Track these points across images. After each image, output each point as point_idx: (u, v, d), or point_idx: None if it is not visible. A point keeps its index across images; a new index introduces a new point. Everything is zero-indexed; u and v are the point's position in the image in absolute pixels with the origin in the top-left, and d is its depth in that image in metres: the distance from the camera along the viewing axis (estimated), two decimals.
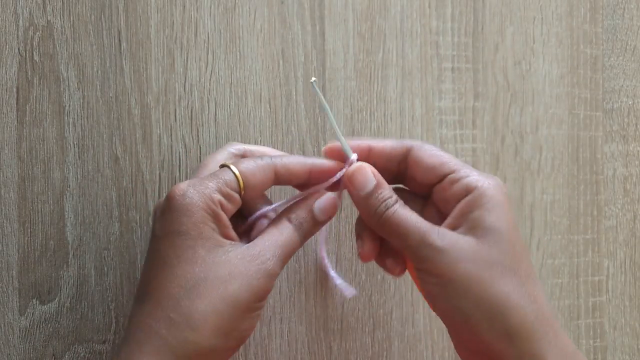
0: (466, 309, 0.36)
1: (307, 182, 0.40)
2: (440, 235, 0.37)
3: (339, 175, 0.39)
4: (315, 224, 0.40)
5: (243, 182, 0.37)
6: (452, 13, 0.49)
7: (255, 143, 0.45)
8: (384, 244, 0.41)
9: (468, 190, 0.38)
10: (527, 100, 0.50)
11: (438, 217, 0.39)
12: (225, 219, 0.37)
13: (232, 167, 0.38)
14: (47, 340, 0.42)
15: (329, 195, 0.40)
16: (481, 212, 0.37)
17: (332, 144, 0.40)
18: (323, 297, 0.46)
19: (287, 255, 0.38)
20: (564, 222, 0.51)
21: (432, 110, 0.48)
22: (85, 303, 0.43)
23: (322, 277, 0.46)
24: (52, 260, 0.43)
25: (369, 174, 0.39)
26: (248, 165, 0.38)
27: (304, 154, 0.46)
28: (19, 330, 0.42)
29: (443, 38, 0.49)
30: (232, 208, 0.38)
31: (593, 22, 0.52)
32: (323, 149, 0.41)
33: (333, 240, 0.46)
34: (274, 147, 0.45)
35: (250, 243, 0.37)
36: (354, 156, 0.39)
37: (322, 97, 0.40)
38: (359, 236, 0.41)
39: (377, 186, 0.38)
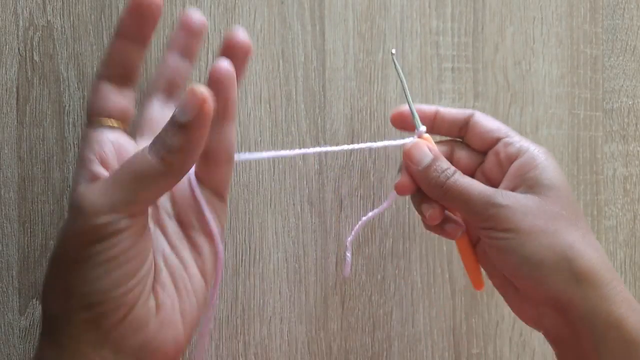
0: (536, 257, 0.38)
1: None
2: (505, 196, 0.39)
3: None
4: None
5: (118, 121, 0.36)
6: (452, 13, 0.49)
7: (255, 143, 0.45)
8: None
9: (521, 152, 0.41)
10: (527, 100, 0.50)
11: (488, 184, 0.41)
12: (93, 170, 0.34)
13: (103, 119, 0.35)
14: None
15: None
16: (537, 172, 0.40)
17: (401, 108, 0.44)
18: (323, 297, 0.46)
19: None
20: None
21: None
22: None
23: (322, 277, 0.46)
24: None
25: (424, 149, 0.41)
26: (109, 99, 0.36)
27: (304, 153, 0.46)
28: (19, 330, 0.42)
29: (443, 38, 0.49)
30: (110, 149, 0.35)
31: (593, 22, 0.52)
32: (392, 112, 0.44)
33: (333, 240, 0.46)
34: (274, 147, 0.45)
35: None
36: (422, 128, 0.43)
37: (400, 70, 0.43)
38: (418, 208, 0.43)
39: (435, 159, 0.41)
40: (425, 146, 0.42)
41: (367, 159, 0.47)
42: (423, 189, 0.42)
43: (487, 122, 0.43)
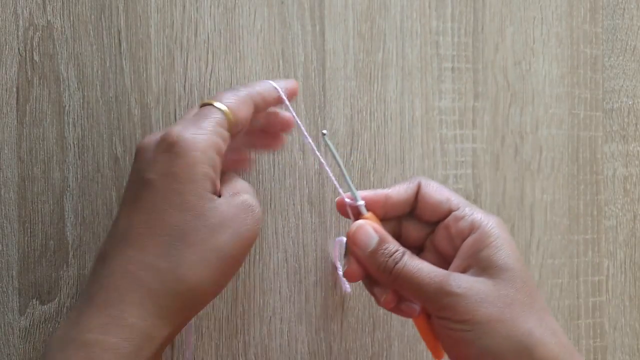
0: (494, 348, 0.36)
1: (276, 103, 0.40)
2: (457, 281, 0.37)
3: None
4: None
5: (232, 116, 0.36)
6: (452, 13, 0.49)
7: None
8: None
9: (473, 228, 0.38)
10: (527, 100, 0.50)
11: (438, 256, 0.40)
12: (219, 163, 0.36)
13: (218, 104, 0.36)
14: (47, 340, 0.42)
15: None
16: (491, 251, 0.37)
17: (342, 196, 0.41)
18: (323, 297, 0.46)
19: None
20: (564, 222, 0.51)
21: (432, 110, 0.48)
22: None
23: (322, 277, 0.46)
24: (52, 260, 0.43)
25: (369, 231, 0.39)
26: (231, 100, 0.37)
27: (304, 154, 0.46)
28: (19, 330, 0.42)
29: (443, 38, 0.49)
30: (224, 147, 0.36)
31: (593, 22, 0.52)
32: (336, 200, 0.41)
33: (333, 240, 0.46)
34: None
35: (245, 193, 0.36)
36: (361, 202, 0.40)
37: (334, 149, 0.42)
38: (371, 291, 0.41)
39: (381, 241, 0.38)
40: (371, 227, 0.39)
41: (367, 159, 0.47)
42: (372, 275, 0.39)
43: (435, 193, 0.40)
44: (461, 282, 0.37)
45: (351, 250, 0.39)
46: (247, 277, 0.45)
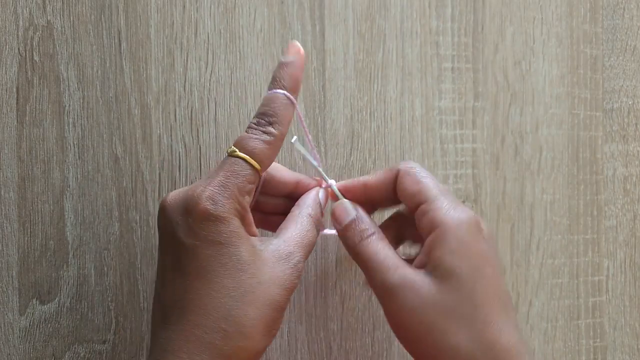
0: (420, 353, 0.37)
1: (292, 194, 0.41)
2: (399, 275, 0.37)
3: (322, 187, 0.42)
4: (322, 216, 0.41)
5: (260, 168, 0.37)
6: (452, 13, 0.49)
7: None
8: None
9: (433, 226, 0.37)
10: (527, 100, 0.50)
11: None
12: (251, 218, 0.37)
13: (248, 158, 0.36)
14: (47, 340, 0.42)
15: (323, 190, 0.41)
16: (442, 252, 0.36)
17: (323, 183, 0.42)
18: (323, 297, 0.46)
19: (309, 253, 0.38)
20: (564, 222, 0.51)
21: (432, 110, 0.48)
22: (85, 303, 0.43)
23: (322, 277, 0.46)
24: (52, 260, 0.43)
25: (348, 208, 0.40)
26: (258, 146, 0.37)
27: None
28: (19, 330, 0.42)
29: (443, 38, 0.49)
30: (253, 201, 0.38)
31: (593, 22, 0.52)
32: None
33: (333, 240, 0.46)
34: None
35: (279, 240, 0.37)
36: (331, 181, 0.41)
37: (303, 150, 0.42)
38: None
39: (356, 218, 0.40)
40: (350, 205, 0.40)
41: (367, 159, 0.47)
42: (346, 250, 0.40)
43: (409, 184, 0.39)
44: (402, 276, 0.37)
45: (332, 223, 0.41)
46: None
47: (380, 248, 0.38)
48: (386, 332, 0.47)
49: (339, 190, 0.41)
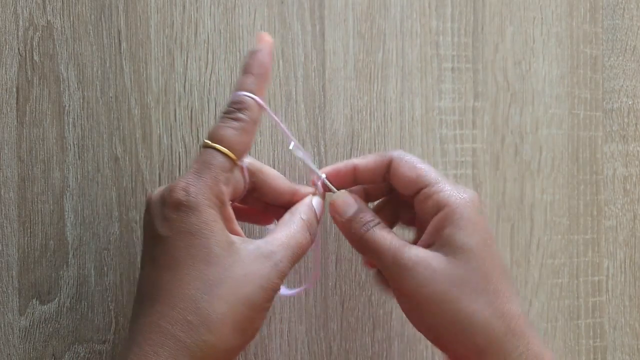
0: (436, 328, 0.37)
1: (288, 204, 0.41)
2: (411, 254, 0.37)
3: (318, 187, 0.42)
4: (317, 223, 0.40)
5: (235, 157, 0.37)
6: (452, 13, 0.49)
7: (255, 143, 0.45)
8: None
9: (439, 207, 0.38)
10: (527, 100, 0.50)
11: (422, 230, 0.40)
12: (230, 212, 0.37)
13: (218, 146, 0.36)
14: (47, 340, 0.42)
15: (319, 198, 0.41)
16: (452, 230, 0.37)
17: (330, 169, 0.42)
18: (323, 297, 0.46)
19: (298, 256, 0.38)
20: (564, 222, 0.51)
21: (432, 110, 0.48)
22: (85, 303, 0.43)
23: (322, 277, 0.46)
24: (52, 260, 0.43)
25: (349, 200, 0.40)
26: (232, 137, 0.37)
27: (304, 154, 0.46)
28: (19, 330, 0.42)
29: (443, 38, 0.49)
30: (230, 190, 0.37)
31: (593, 22, 0.52)
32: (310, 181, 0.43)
33: (333, 240, 0.46)
34: (273, 148, 0.45)
35: (262, 241, 0.37)
36: (322, 175, 0.41)
37: (302, 155, 0.42)
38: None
39: (358, 210, 0.40)
40: (350, 197, 0.41)
41: None
42: (348, 241, 0.41)
43: (407, 170, 0.40)
44: (414, 255, 0.37)
45: (331, 214, 0.41)
46: None
47: (385, 234, 0.39)
48: (386, 332, 0.47)
49: (330, 175, 0.41)
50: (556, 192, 0.51)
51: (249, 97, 0.37)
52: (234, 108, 0.37)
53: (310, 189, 0.42)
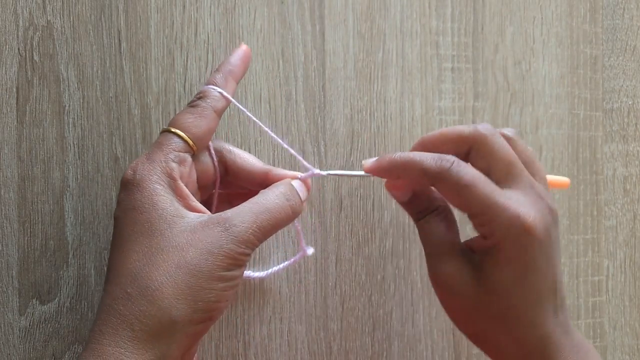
0: (507, 310, 0.38)
1: (262, 184, 0.40)
2: (452, 266, 0.39)
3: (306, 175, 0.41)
4: (300, 200, 0.39)
5: (192, 140, 0.37)
6: (452, 13, 0.49)
7: (255, 143, 0.45)
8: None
9: (486, 235, 0.38)
10: (527, 100, 0.50)
11: None
12: (182, 187, 0.36)
13: (174, 129, 0.37)
14: (47, 340, 0.42)
15: (299, 181, 0.40)
16: (491, 265, 0.38)
17: (369, 163, 0.41)
18: (323, 297, 0.46)
19: (269, 222, 0.36)
20: (564, 222, 0.51)
21: (432, 110, 0.48)
22: (85, 303, 0.43)
23: (322, 277, 0.46)
24: (52, 260, 0.43)
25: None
26: (188, 120, 0.38)
27: (303, 154, 0.46)
28: (19, 330, 0.42)
29: (443, 38, 0.49)
30: (186, 169, 0.37)
31: (593, 22, 0.52)
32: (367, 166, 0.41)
33: (333, 240, 0.46)
34: (273, 148, 0.45)
35: (219, 212, 0.36)
36: (316, 170, 0.41)
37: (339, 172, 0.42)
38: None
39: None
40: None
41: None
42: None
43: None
44: (455, 268, 0.38)
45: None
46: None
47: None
48: (386, 332, 0.47)
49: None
50: (556, 192, 0.51)
51: (212, 88, 0.39)
52: (195, 97, 0.39)
53: (286, 171, 0.41)
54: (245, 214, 0.35)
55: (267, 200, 0.37)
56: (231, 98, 0.39)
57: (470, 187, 0.36)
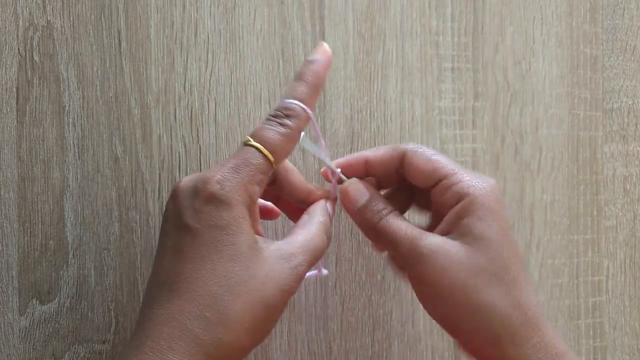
0: (454, 316, 0.37)
1: (303, 202, 0.41)
2: (428, 242, 0.37)
3: (332, 187, 0.41)
4: (331, 226, 0.40)
5: (275, 164, 0.37)
6: (452, 13, 0.49)
7: None
8: None
9: (459, 197, 0.38)
10: (527, 100, 0.50)
11: (439, 218, 0.40)
12: (257, 211, 0.37)
13: (261, 147, 0.36)
14: (47, 340, 0.42)
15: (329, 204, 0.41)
16: (471, 220, 0.37)
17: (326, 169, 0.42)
18: (323, 297, 0.46)
19: (316, 259, 0.38)
20: (564, 222, 0.51)
21: (432, 110, 0.48)
22: (85, 303, 0.43)
23: (322, 277, 0.46)
24: (52, 260, 0.43)
25: (361, 188, 0.40)
26: (275, 141, 0.37)
27: (303, 154, 0.46)
28: (19, 330, 0.42)
29: (443, 38, 0.49)
30: (261, 193, 0.37)
31: (593, 22, 0.52)
32: (321, 171, 0.43)
33: (333, 240, 0.46)
34: None
35: (283, 242, 0.36)
36: (338, 170, 0.41)
37: (311, 146, 0.41)
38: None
39: (371, 199, 0.40)
40: (362, 185, 0.40)
41: None
42: (359, 228, 0.40)
43: (423, 163, 0.40)
44: (432, 243, 0.37)
45: (343, 204, 0.40)
46: None
47: (399, 223, 0.38)
48: (386, 332, 0.47)
49: (341, 167, 0.41)
50: (556, 192, 0.51)
51: (298, 105, 0.37)
52: (283, 113, 0.37)
53: (323, 190, 0.41)
54: (303, 251, 0.37)
55: (314, 234, 0.38)
56: (313, 119, 0.38)
57: (437, 155, 0.40)
